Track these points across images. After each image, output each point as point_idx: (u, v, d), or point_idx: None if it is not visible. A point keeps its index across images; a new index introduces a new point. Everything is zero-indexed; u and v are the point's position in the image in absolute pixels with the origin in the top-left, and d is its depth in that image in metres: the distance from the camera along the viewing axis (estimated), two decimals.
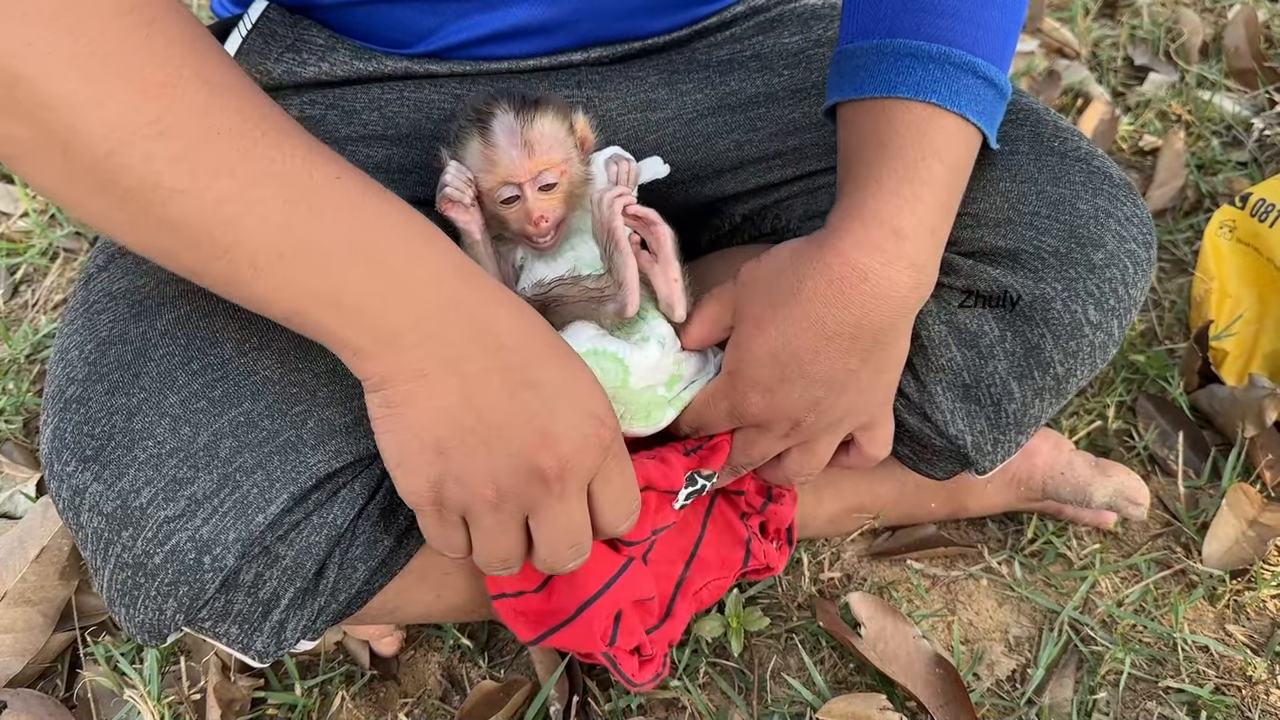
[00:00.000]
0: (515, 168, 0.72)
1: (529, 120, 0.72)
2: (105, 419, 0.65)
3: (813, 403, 0.72)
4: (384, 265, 0.58)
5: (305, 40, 0.85)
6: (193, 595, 0.65)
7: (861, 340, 0.70)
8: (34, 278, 1.39)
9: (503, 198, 0.73)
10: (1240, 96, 1.63)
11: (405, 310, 0.58)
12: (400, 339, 0.59)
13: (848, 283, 0.69)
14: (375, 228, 0.58)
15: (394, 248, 0.58)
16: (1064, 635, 0.96)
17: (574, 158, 0.75)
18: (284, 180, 0.55)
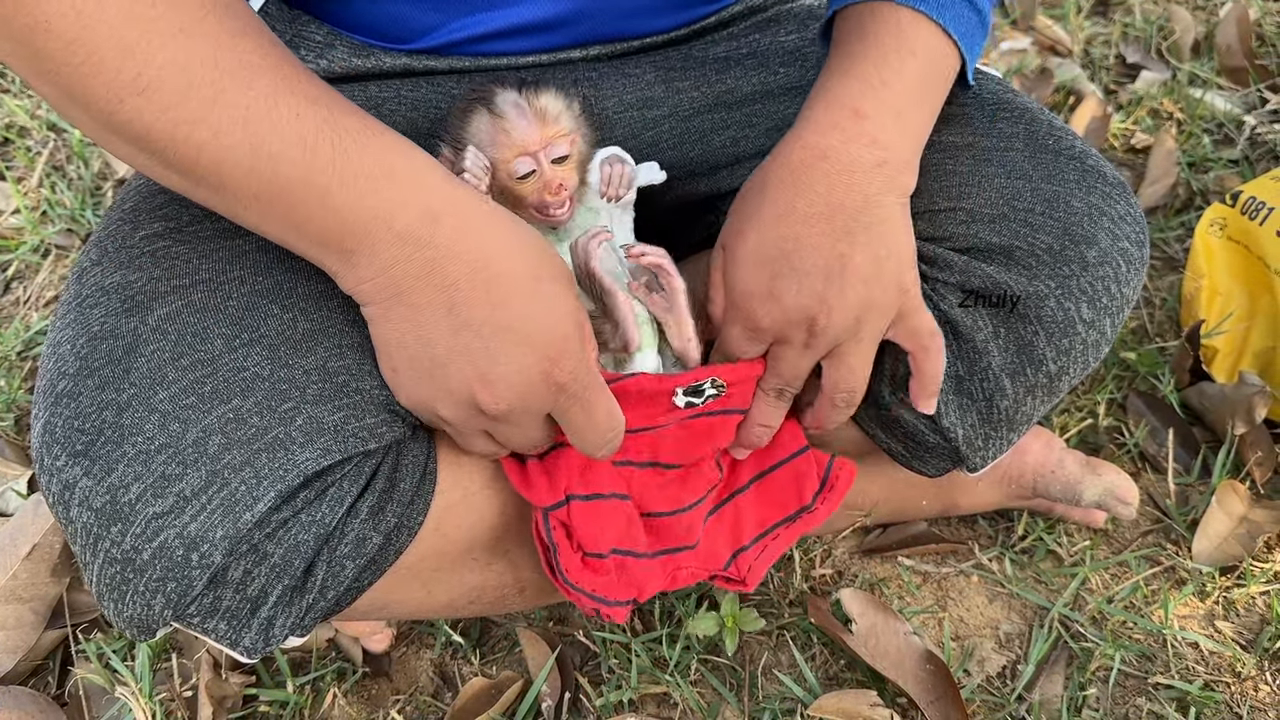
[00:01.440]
0: (530, 137, 0.72)
1: (534, 93, 0.73)
2: (95, 414, 0.65)
3: (818, 298, 0.70)
4: (338, 206, 0.61)
5: (304, 37, 0.85)
6: (180, 591, 0.65)
7: (837, 221, 0.70)
8: (26, 275, 1.39)
9: (519, 173, 0.73)
10: (1232, 94, 1.64)
11: (360, 245, 0.62)
12: (357, 269, 0.63)
13: (807, 164, 0.71)
14: (328, 165, 0.60)
15: (347, 189, 0.60)
16: (1054, 631, 0.96)
17: (578, 131, 0.76)
18: (249, 124, 0.58)
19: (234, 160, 0.58)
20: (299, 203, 0.60)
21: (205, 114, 0.57)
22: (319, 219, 0.61)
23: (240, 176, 0.59)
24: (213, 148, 0.58)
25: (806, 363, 0.74)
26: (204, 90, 0.57)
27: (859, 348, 0.73)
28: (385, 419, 0.70)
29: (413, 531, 0.73)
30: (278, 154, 0.59)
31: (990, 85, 0.86)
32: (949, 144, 0.81)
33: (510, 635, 0.97)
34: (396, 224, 0.61)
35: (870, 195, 0.70)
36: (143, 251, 0.72)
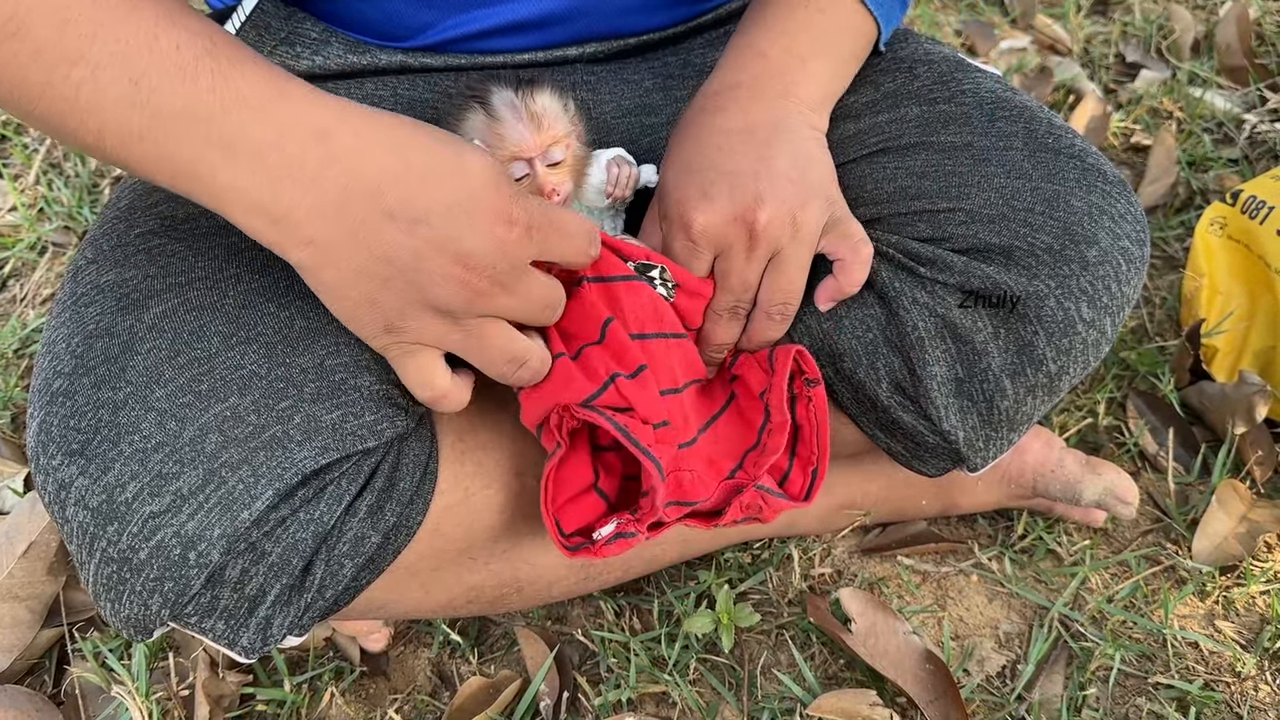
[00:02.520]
0: (525, 142, 0.72)
1: (530, 95, 0.72)
2: (91, 412, 0.65)
3: (752, 194, 0.72)
4: (222, 138, 0.57)
5: (299, 34, 0.85)
6: (178, 591, 0.64)
7: (758, 134, 0.75)
8: (22, 272, 1.39)
9: (515, 176, 0.72)
10: (1231, 93, 1.64)
11: (257, 181, 0.58)
12: (267, 209, 0.59)
13: (722, 94, 0.78)
14: (208, 94, 0.57)
15: (227, 113, 0.57)
16: (1054, 631, 0.96)
17: (574, 133, 0.75)
18: (128, 59, 0.56)
19: (114, 98, 0.56)
20: (183, 138, 0.57)
21: (83, 50, 0.55)
22: (205, 155, 0.57)
23: (121, 115, 0.56)
24: (90, 86, 0.55)
25: (753, 270, 0.74)
26: (81, 26, 0.55)
27: (797, 251, 0.74)
28: (385, 415, 0.70)
29: (411, 531, 0.72)
30: (157, 85, 0.56)
31: (989, 84, 0.86)
32: (948, 144, 0.81)
33: (509, 634, 0.97)
34: (288, 147, 0.58)
35: (781, 119, 0.76)
36: (138, 249, 0.72)
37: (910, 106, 0.84)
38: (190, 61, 0.56)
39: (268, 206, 0.59)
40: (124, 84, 0.55)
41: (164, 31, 0.56)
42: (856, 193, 0.81)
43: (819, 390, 0.77)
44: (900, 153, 0.82)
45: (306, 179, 0.58)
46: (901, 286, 0.76)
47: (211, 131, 0.57)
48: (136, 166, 0.59)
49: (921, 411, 0.78)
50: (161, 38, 0.56)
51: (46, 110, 0.56)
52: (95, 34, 0.55)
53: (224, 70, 0.57)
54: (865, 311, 0.78)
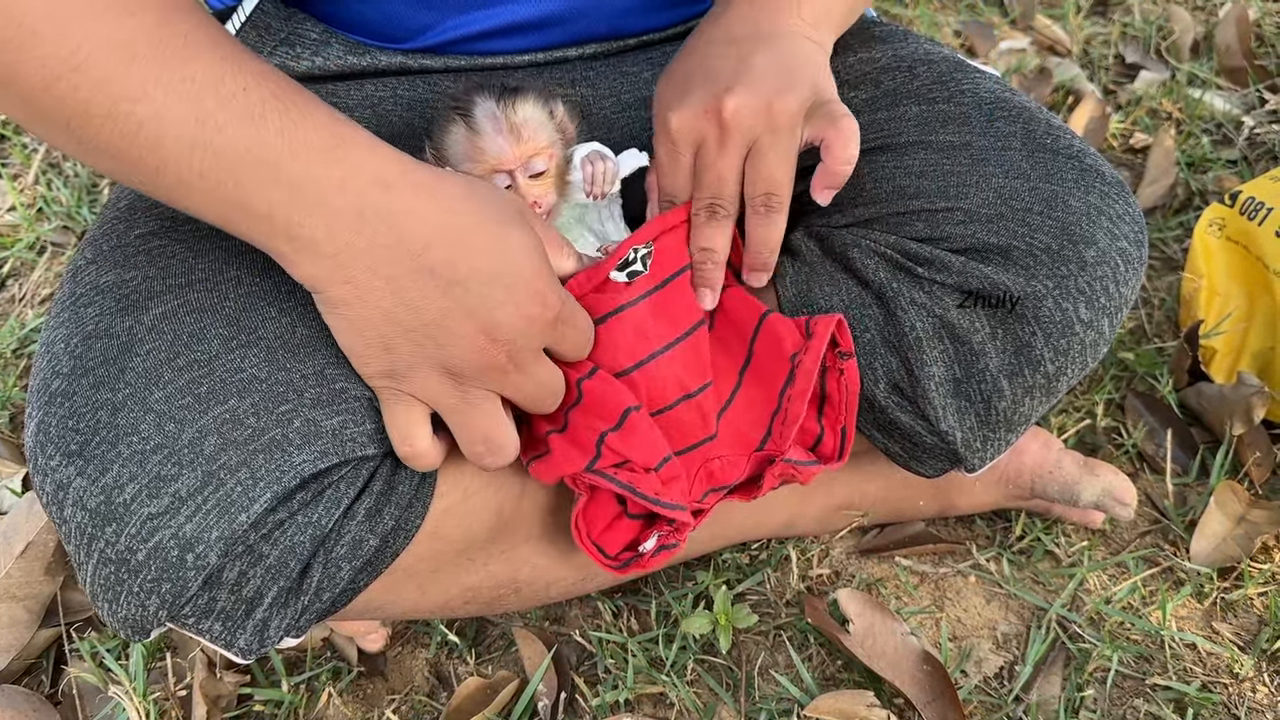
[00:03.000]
0: (504, 155, 0.72)
1: (511, 106, 0.72)
2: (90, 414, 0.65)
3: (723, 85, 0.73)
4: (289, 179, 0.59)
5: (299, 35, 0.85)
6: (175, 592, 0.64)
7: (746, 42, 0.76)
8: (21, 272, 1.39)
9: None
10: (1231, 94, 1.64)
11: (314, 221, 0.60)
12: (317, 246, 0.60)
13: (724, 14, 0.79)
14: (276, 136, 0.58)
15: (295, 157, 0.59)
16: (1052, 632, 0.96)
17: (558, 142, 0.75)
18: (194, 99, 0.56)
19: (176, 135, 0.56)
20: (246, 178, 0.58)
21: (147, 89, 0.55)
22: (267, 194, 0.59)
23: (183, 153, 0.57)
24: (154, 124, 0.56)
25: (726, 162, 0.74)
26: (146, 65, 0.55)
27: (775, 140, 0.74)
28: (384, 425, 0.70)
29: (410, 534, 0.72)
30: (224, 125, 0.57)
31: (988, 84, 0.86)
32: (946, 144, 0.81)
33: (506, 635, 0.97)
34: (349, 193, 0.60)
35: (775, 30, 0.77)
36: (138, 250, 0.72)
37: (909, 105, 0.84)
38: (257, 104, 0.58)
39: (320, 245, 0.60)
40: (189, 123, 0.56)
41: (230, 74, 0.58)
42: (855, 191, 0.81)
43: (851, 364, 0.77)
44: (898, 151, 0.82)
45: (364, 224, 0.60)
46: (899, 287, 0.76)
47: (279, 173, 0.58)
48: (188, 202, 0.60)
49: (919, 412, 0.78)
50: (228, 80, 0.57)
51: (105, 144, 0.57)
52: (161, 74, 0.56)
53: (292, 115, 0.59)
54: (863, 312, 0.78)
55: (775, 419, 0.78)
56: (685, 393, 0.76)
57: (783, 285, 0.81)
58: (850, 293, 0.78)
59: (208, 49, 0.58)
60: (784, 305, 0.81)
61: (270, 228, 0.60)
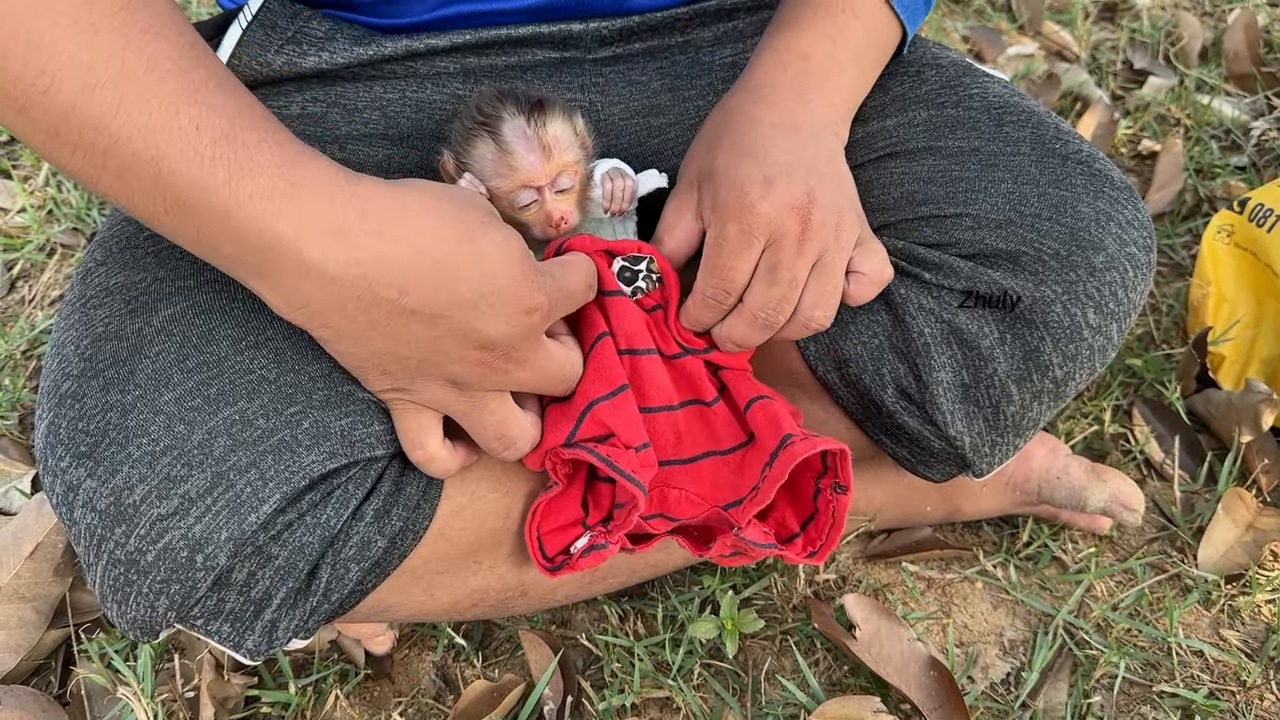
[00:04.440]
0: (535, 172, 0.71)
1: (541, 123, 0.72)
2: (100, 415, 0.65)
3: (805, 188, 0.71)
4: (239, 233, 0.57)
5: (305, 32, 0.85)
6: (184, 593, 0.64)
7: (803, 133, 0.75)
8: (31, 273, 1.39)
9: (521, 203, 0.72)
10: (1239, 101, 1.63)
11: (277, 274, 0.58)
12: (288, 299, 0.59)
13: (766, 89, 0.78)
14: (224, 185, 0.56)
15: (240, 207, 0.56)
16: (1058, 639, 0.96)
17: (582, 159, 0.75)
18: (149, 137, 0.54)
19: (138, 171, 0.55)
20: (204, 222, 0.56)
21: (108, 120, 0.54)
22: (226, 241, 0.57)
23: (147, 188, 0.56)
24: (117, 156, 0.55)
25: (801, 267, 0.72)
26: (108, 93, 0.54)
27: (839, 259, 0.73)
28: (393, 425, 0.70)
29: (418, 535, 0.73)
30: (175, 170, 0.55)
31: (997, 89, 0.86)
32: (955, 149, 0.81)
33: (513, 638, 0.97)
34: (305, 247, 0.57)
35: (819, 123, 0.77)
36: (147, 251, 0.72)
37: (918, 111, 0.84)
38: (207, 147, 0.55)
39: (289, 295, 0.59)
40: (146, 161, 0.55)
41: (185, 108, 0.55)
42: (864, 197, 0.81)
43: (843, 500, 0.75)
44: (908, 157, 0.82)
45: (328, 280, 0.58)
46: (908, 293, 0.76)
47: (229, 227, 0.56)
48: (164, 233, 0.59)
49: (927, 417, 0.78)
50: (182, 115, 0.55)
51: (79, 169, 0.56)
52: (119, 104, 0.54)
53: (240, 159, 0.56)
54: (871, 318, 0.78)
55: (750, 494, 0.76)
56: (667, 403, 0.75)
57: None
58: None
59: (170, 77, 0.56)
60: None
61: (240, 272, 0.59)
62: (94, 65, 0.53)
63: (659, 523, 0.77)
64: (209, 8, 1.79)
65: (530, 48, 0.88)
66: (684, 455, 0.77)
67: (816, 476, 0.77)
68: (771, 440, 0.73)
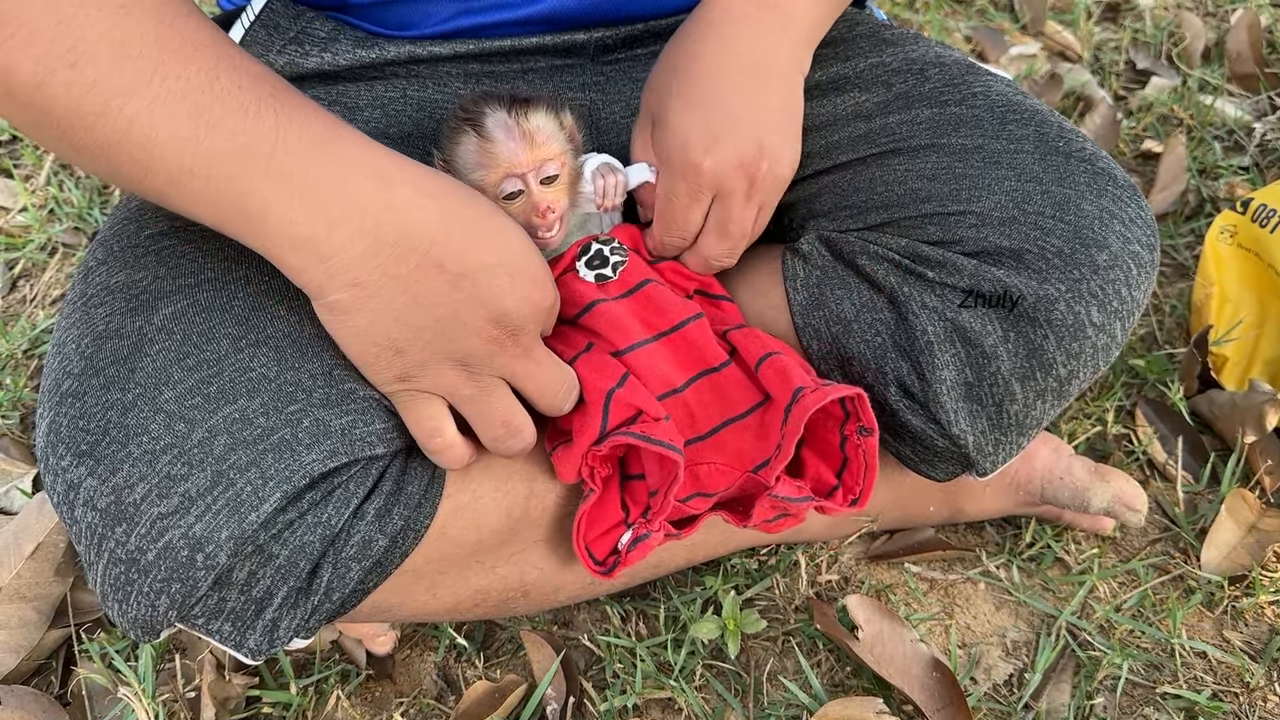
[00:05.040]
0: (517, 159, 0.72)
1: (523, 114, 0.73)
2: (100, 414, 0.65)
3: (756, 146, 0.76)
4: (283, 173, 0.58)
5: (308, 32, 0.85)
6: (185, 592, 0.64)
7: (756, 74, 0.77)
8: (32, 273, 1.39)
9: (506, 192, 0.73)
10: (1242, 101, 1.63)
11: (313, 218, 0.59)
12: (318, 247, 0.60)
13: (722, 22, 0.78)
14: (271, 131, 0.58)
15: (288, 152, 0.59)
16: (1061, 640, 0.96)
17: (569, 151, 0.75)
18: (188, 96, 0.57)
19: (169, 131, 0.56)
20: (239, 173, 0.58)
21: (141, 86, 0.55)
22: (261, 190, 0.58)
23: (174, 149, 0.57)
24: (145, 120, 0.56)
25: (749, 214, 0.78)
26: (141, 63, 0.55)
27: (775, 201, 0.80)
28: (395, 424, 0.70)
29: (419, 534, 0.72)
30: (218, 121, 0.57)
31: (999, 87, 0.86)
32: (958, 146, 0.81)
33: (514, 639, 0.97)
34: (348, 188, 0.60)
35: (776, 58, 0.78)
36: (148, 250, 0.72)
37: (921, 109, 0.84)
38: (253, 102, 0.58)
39: (320, 243, 0.60)
40: (181, 119, 0.56)
41: (225, 73, 0.58)
42: (867, 195, 0.81)
43: (871, 441, 0.76)
44: (911, 154, 0.82)
45: (366, 221, 0.60)
46: (911, 290, 0.76)
47: (272, 166, 0.58)
48: (180, 202, 0.60)
49: (931, 415, 0.78)
50: (223, 78, 0.58)
51: (94, 143, 0.57)
52: (155, 70, 0.56)
53: (288, 111, 0.59)
54: (874, 315, 0.78)
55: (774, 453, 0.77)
56: (670, 388, 0.76)
57: (793, 288, 0.81)
58: (862, 296, 0.78)
59: (206, 48, 0.58)
60: (795, 309, 0.81)
61: (266, 228, 0.60)
62: (126, 40, 0.55)
63: (698, 502, 0.77)
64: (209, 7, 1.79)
65: (534, 55, 0.88)
66: (701, 431, 0.78)
67: (840, 424, 0.77)
68: (784, 396, 0.74)
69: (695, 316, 0.78)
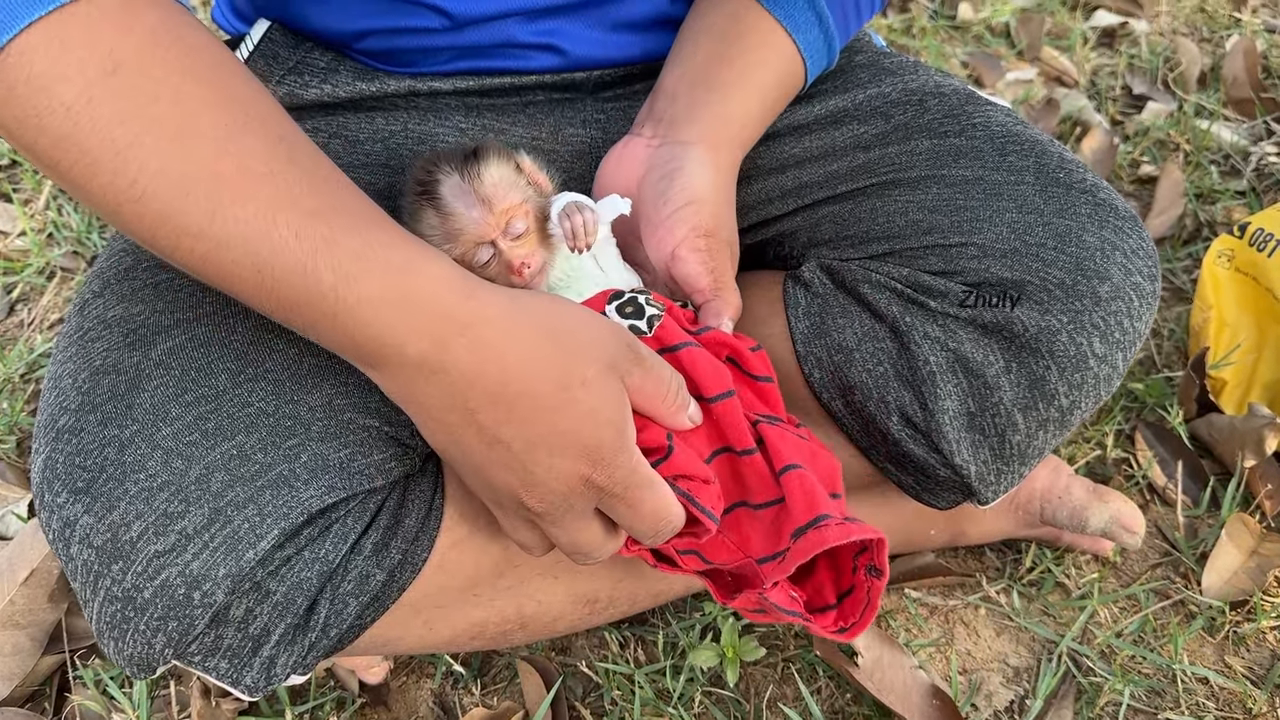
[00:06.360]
0: (482, 227, 0.70)
1: (475, 175, 0.70)
2: (97, 451, 0.65)
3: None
4: (342, 326, 0.58)
5: (307, 62, 0.85)
6: (182, 630, 0.64)
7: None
8: (30, 296, 1.39)
9: (481, 260, 0.71)
10: (1238, 125, 1.64)
11: (372, 362, 0.60)
12: (382, 381, 0.61)
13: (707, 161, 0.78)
14: (330, 291, 0.56)
15: (349, 312, 0.57)
16: (1062, 665, 0.95)
17: (532, 197, 0.73)
18: (248, 243, 0.55)
19: (240, 276, 0.56)
20: (310, 322, 0.58)
21: (205, 228, 0.54)
22: (331, 338, 0.59)
23: (250, 290, 0.57)
24: (216, 260, 0.56)
25: None
26: (201, 203, 0.54)
27: None
28: (393, 453, 0.70)
29: (416, 568, 0.72)
30: (280, 278, 0.56)
31: (999, 117, 0.86)
32: (959, 178, 0.81)
33: (511, 665, 0.96)
34: (409, 350, 0.58)
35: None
36: (145, 284, 0.72)
37: (921, 139, 0.84)
38: (309, 257, 0.56)
39: (388, 385, 0.62)
40: (247, 268, 0.56)
41: (281, 215, 0.55)
42: (869, 225, 0.81)
43: (878, 584, 0.70)
44: (911, 185, 0.82)
45: (420, 379, 0.59)
46: (913, 320, 0.76)
47: (336, 326, 0.57)
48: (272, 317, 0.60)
49: (933, 445, 0.77)
50: (279, 224, 0.55)
51: (183, 263, 0.57)
52: (215, 213, 0.54)
53: (344, 269, 0.56)
54: (876, 345, 0.77)
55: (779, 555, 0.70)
56: (724, 445, 0.72)
57: (795, 316, 0.81)
58: (864, 325, 0.78)
59: (264, 182, 0.56)
60: (796, 337, 0.80)
61: (349, 356, 0.61)
62: (184, 175, 0.54)
63: (691, 560, 0.73)
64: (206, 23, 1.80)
65: (534, 90, 0.88)
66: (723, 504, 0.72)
67: (855, 553, 0.73)
68: (803, 515, 0.68)
69: (727, 394, 0.72)
